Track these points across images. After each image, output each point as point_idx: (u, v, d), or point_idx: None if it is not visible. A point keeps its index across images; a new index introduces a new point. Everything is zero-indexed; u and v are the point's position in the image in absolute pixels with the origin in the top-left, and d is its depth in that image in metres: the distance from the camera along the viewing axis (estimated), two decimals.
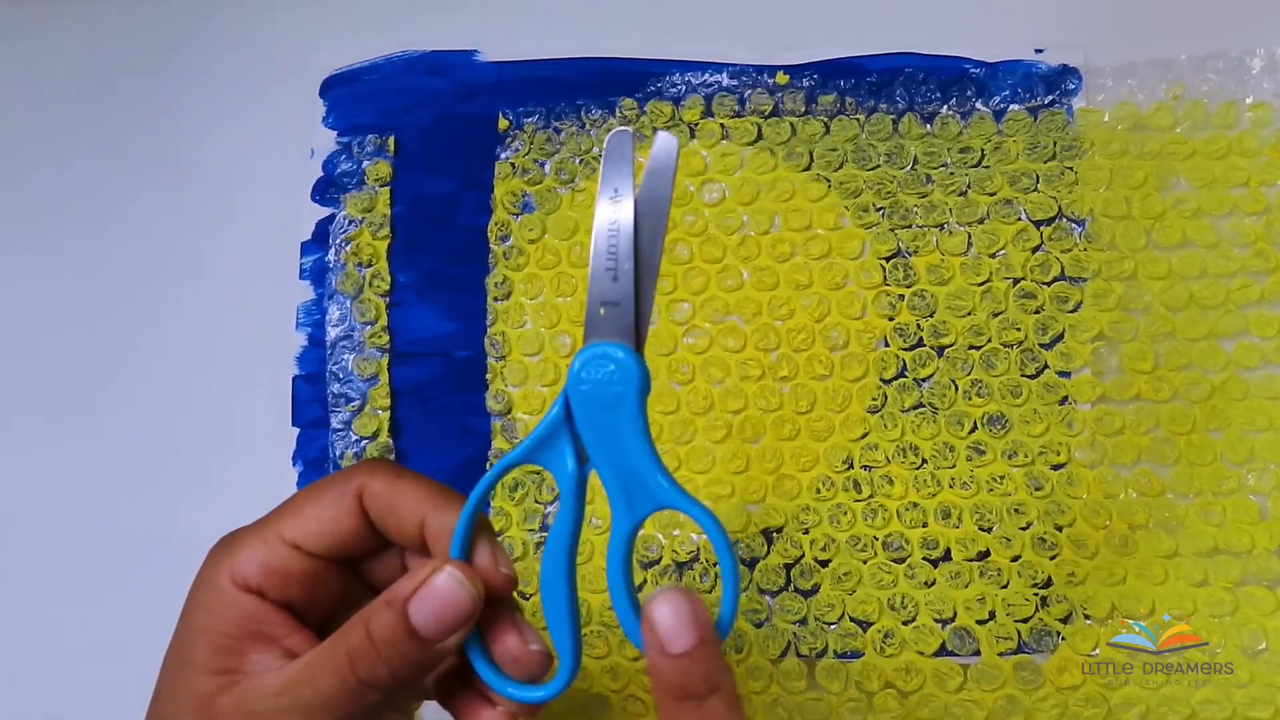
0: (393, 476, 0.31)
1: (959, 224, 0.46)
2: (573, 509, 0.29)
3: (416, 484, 0.31)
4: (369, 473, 0.31)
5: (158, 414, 0.50)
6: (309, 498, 0.32)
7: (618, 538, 0.28)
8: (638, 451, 0.28)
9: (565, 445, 0.29)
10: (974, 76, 0.47)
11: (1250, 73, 0.46)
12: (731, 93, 0.48)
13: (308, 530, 0.31)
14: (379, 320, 0.49)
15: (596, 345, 0.29)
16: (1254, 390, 0.44)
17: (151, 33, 0.54)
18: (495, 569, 0.30)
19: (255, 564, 0.30)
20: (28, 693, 0.48)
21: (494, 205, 0.49)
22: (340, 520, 0.31)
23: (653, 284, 0.29)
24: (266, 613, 0.30)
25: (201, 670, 0.30)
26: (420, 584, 0.29)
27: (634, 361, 0.28)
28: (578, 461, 0.29)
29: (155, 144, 0.52)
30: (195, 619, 0.31)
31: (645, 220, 0.29)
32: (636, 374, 0.28)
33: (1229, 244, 0.45)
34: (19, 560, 0.49)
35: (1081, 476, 0.44)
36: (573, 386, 0.29)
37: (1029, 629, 0.43)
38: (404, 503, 0.31)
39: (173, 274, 0.51)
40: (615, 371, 0.28)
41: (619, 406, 0.28)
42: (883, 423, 0.45)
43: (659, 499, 0.28)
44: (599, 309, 0.29)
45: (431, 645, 0.29)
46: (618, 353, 0.29)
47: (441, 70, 0.51)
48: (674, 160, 0.29)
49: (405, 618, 0.29)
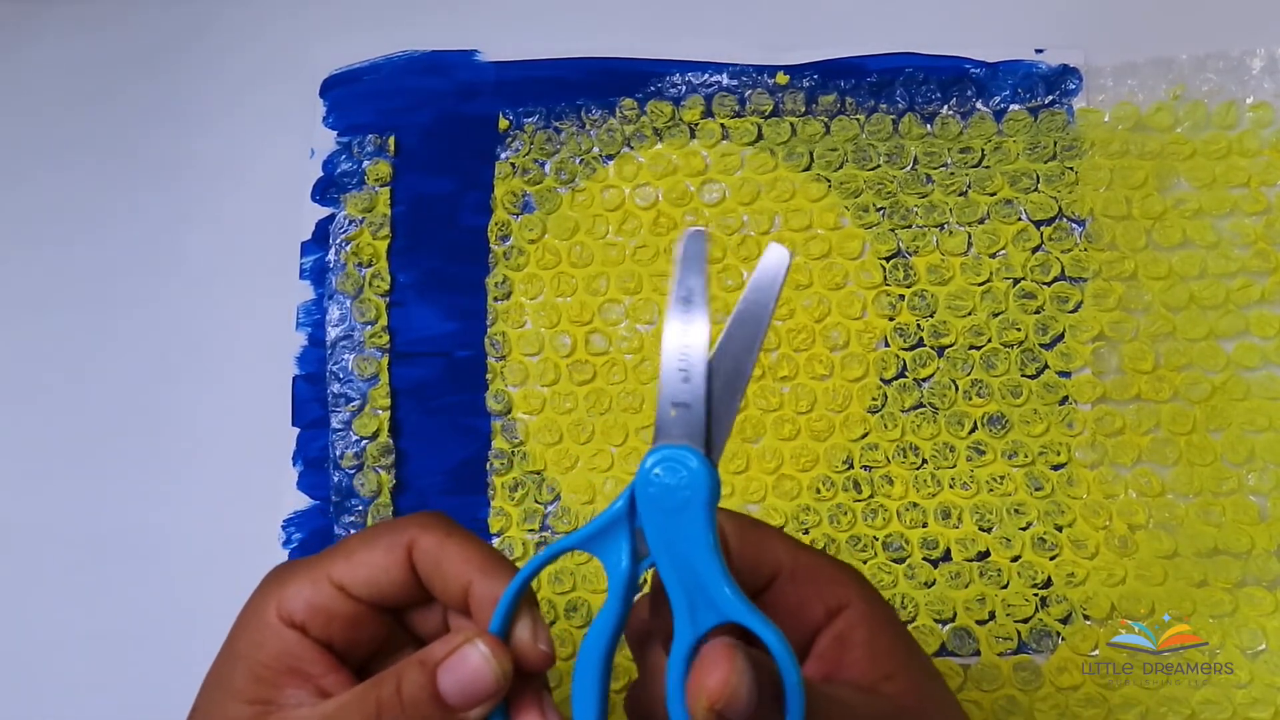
0: (443, 535, 0.31)
1: (959, 224, 0.46)
2: (619, 606, 0.29)
3: (465, 546, 0.31)
4: (421, 527, 0.31)
5: (158, 414, 0.50)
6: (363, 542, 0.32)
7: (678, 652, 0.27)
8: (705, 561, 0.27)
9: (623, 540, 0.29)
10: (974, 76, 0.47)
11: (1250, 73, 0.46)
12: (732, 93, 0.48)
13: (356, 575, 0.31)
14: (379, 320, 0.49)
15: (667, 448, 0.28)
16: (1254, 390, 0.44)
17: (152, 33, 0.54)
18: (534, 645, 0.30)
19: (301, 601, 0.31)
20: (27, 693, 0.48)
21: (494, 205, 0.49)
22: (389, 570, 0.31)
23: (741, 394, 0.28)
24: (306, 649, 0.31)
25: (238, 697, 0.30)
26: (451, 652, 0.29)
27: (705, 469, 0.28)
28: (633, 560, 0.29)
29: (155, 144, 0.52)
30: (238, 646, 0.31)
31: (743, 328, 0.28)
32: (707, 482, 0.28)
33: (1229, 244, 0.45)
34: (18, 560, 0.49)
35: (1081, 476, 0.44)
36: (641, 487, 0.28)
37: (1029, 629, 0.43)
38: (451, 564, 0.31)
39: (173, 274, 0.51)
40: (686, 477, 0.28)
41: (687, 513, 0.28)
42: (883, 423, 0.45)
43: (725, 613, 0.27)
44: (670, 410, 0.28)
45: (456, 713, 0.29)
46: (690, 459, 0.28)
47: (441, 70, 0.51)
48: (784, 272, 0.28)
49: (434, 682, 0.29)
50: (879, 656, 0.29)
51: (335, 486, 0.47)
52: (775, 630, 0.26)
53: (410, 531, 0.31)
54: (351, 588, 0.31)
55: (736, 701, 0.25)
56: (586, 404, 0.47)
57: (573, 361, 0.47)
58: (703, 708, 0.25)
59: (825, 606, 0.30)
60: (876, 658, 0.29)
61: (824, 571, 0.31)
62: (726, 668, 0.25)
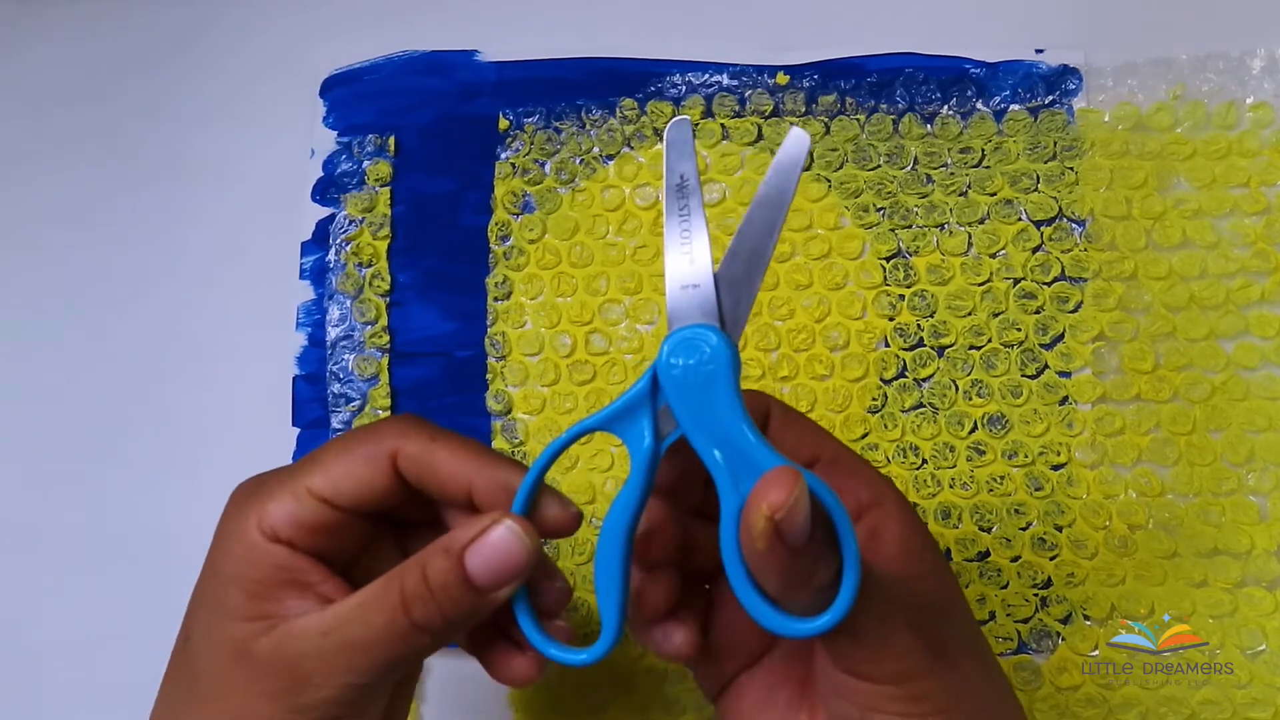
0: (427, 439, 0.32)
1: (959, 224, 0.46)
2: (642, 483, 0.29)
3: (453, 447, 0.31)
4: (401, 434, 0.32)
5: (158, 414, 0.50)
6: (338, 455, 0.32)
7: (729, 516, 0.28)
8: (737, 429, 0.28)
9: (645, 419, 0.29)
10: (974, 76, 0.47)
11: (1250, 73, 0.46)
12: (732, 93, 0.48)
13: (338, 488, 0.31)
14: (379, 320, 0.49)
15: (684, 329, 0.29)
16: (1254, 390, 0.44)
17: (152, 33, 0.54)
18: (564, 511, 0.31)
19: (284, 516, 0.31)
20: (27, 693, 0.48)
21: (494, 205, 0.49)
22: (373, 481, 0.31)
23: (761, 274, 0.29)
24: (298, 561, 0.31)
25: (236, 616, 0.30)
26: (478, 534, 0.29)
27: (723, 342, 0.29)
28: (655, 438, 0.29)
29: (155, 144, 0.52)
30: (225, 567, 0.31)
31: (763, 210, 0.29)
32: (727, 354, 0.28)
33: (1229, 244, 0.45)
34: (18, 561, 0.49)
35: (1081, 476, 0.44)
36: (664, 370, 0.29)
37: (1028, 629, 0.43)
38: (445, 466, 0.31)
39: (173, 274, 0.51)
40: (707, 353, 0.29)
41: (713, 386, 0.28)
42: (883, 423, 0.45)
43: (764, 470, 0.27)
44: (679, 291, 0.29)
45: (485, 595, 0.30)
46: (709, 335, 0.29)
47: (441, 70, 0.51)
48: (804, 155, 0.29)
49: (461, 565, 0.29)
50: (911, 554, 0.30)
51: None
52: (822, 483, 0.26)
53: (390, 440, 0.32)
54: (334, 499, 0.31)
55: (795, 517, 0.25)
56: (586, 404, 0.47)
57: (573, 361, 0.47)
58: (763, 516, 0.25)
59: (858, 499, 0.30)
60: (909, 555, 0.30)
61: (861, 468, 0.31)
62: (790, 484, 0.25)
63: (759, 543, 0.25)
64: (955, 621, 0.31)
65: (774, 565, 0.26)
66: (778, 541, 0.25)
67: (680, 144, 0.30)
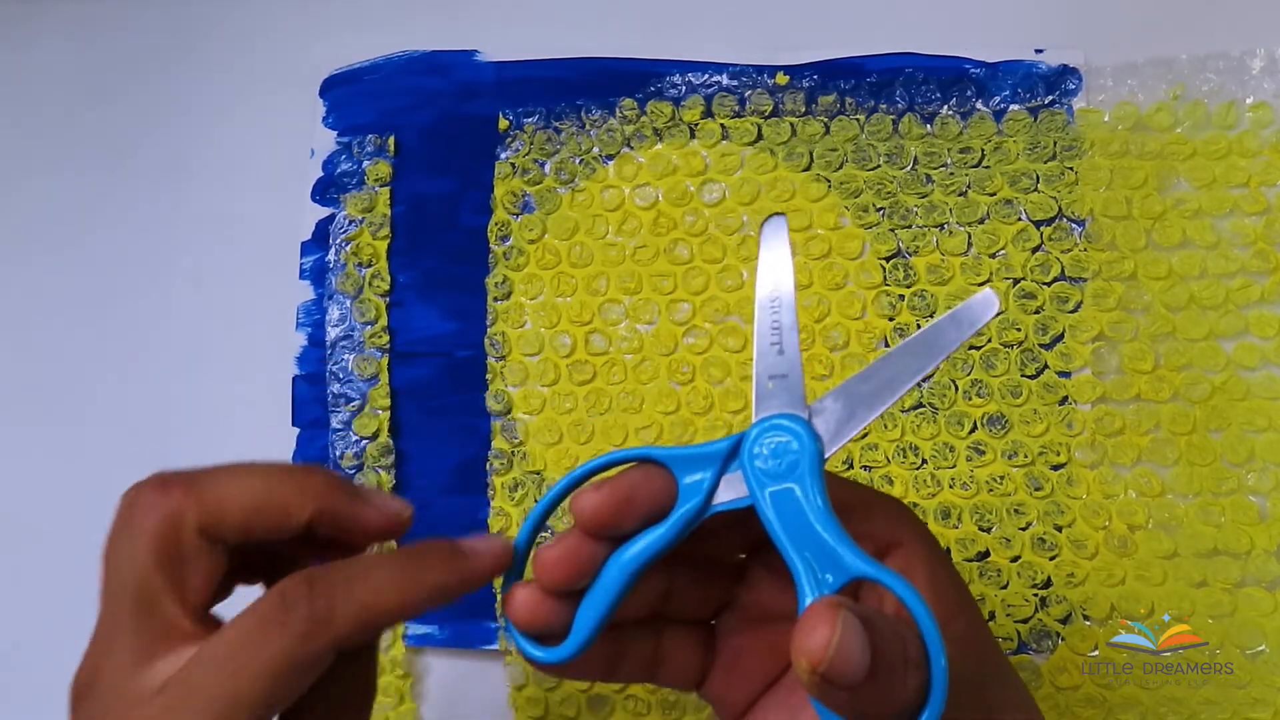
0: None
1: (959, 224, 0.46)
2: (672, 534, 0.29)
3: (239, 482, 0.29)
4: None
5: (157, 414, 0.50)
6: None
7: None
8: (822, 522, 0.27)
9: (707, 478, 0.29)
10: (974, 76, 0.47)
11: (1250, 73, 0.46)
12: (731, 93, 0.48)
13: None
14: (379, 320, 0.49)
15: (769, 418, 0.29)
16: (1254, 390, 0.44)
17: (152, 33, 0.54)
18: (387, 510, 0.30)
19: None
20: (27, 694, 0.48)
21: (494, 205, 0.49)
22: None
23: (884, 405, 0.29)
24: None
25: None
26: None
27: (809, 434, 0.28)
28: (705, 499, 0.29)
29: (155, 144, 0.52)
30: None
31: (919, 349, 0.29)
32: (811, 443, 0.28)
33: (1229, 244, 0.45)
34: (17, 561, 0.49)
35: (1081, 476, 0.44)
36: (749, 458, 0.29)
37: (1028, 629, 0.43)
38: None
39: (173, 274, 0.51)
40: (790, 442, 0.28)
41: (796, 477, 0.28)
42: (883, 423, 0.45)
43: (849, 571, 0.27)
44: (767, 383, 0.29)
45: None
46: (795, 425, 0.28)
47: (441, 70, 0.51)
48: (989, 319, 0.29)
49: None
50: (940, 597, 0.28)
51: None
52: (907, 584, 0.25)
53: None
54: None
55: (844, 664, 0.23)
56: (586, 404, 0.47)
57: (573, 361, 0.47)
58: (804, 670, 0.23)
59: (876, 545, 0.29)
60: (939, 598, 0.28)
61: (874, 508, 0.30)
62: (829, 628, 0.23)
63: (811, 692, 0.23)
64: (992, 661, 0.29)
65: (835, 704, 0.24)
66: (829, 686, 0.23)
67: (775, 239, 0.30)
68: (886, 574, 0.26)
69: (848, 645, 0.23)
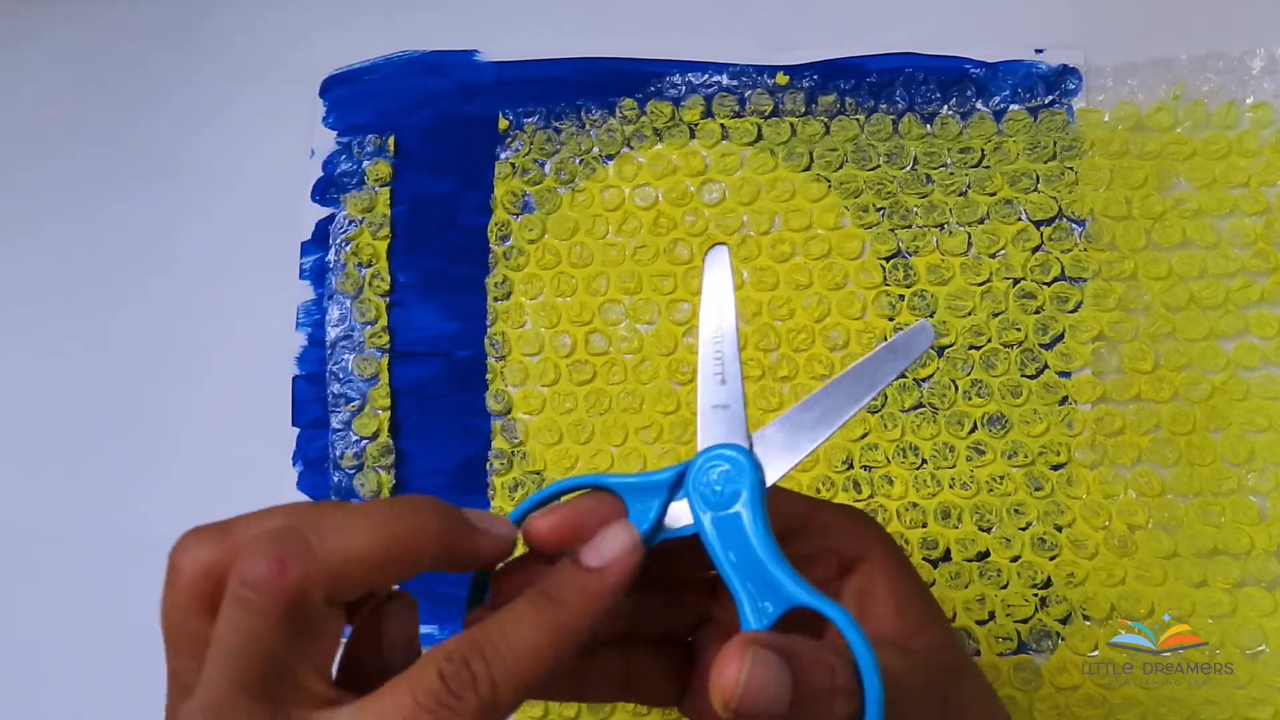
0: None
1: (959, 224, 0.46)
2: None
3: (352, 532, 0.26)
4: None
5: (157, 414, 0.50)
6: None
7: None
8: (764, 549, 0.27)
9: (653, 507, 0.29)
10: (974, 76, 0.47)
11: (1250, 73, 0.46)
12: (731, 93, 0.48)
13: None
14: (379, 320, 0.49)
15: (714, 448, 0.29)
16: (1254, 390, 0.44)
17: (151, 32, 0.54)
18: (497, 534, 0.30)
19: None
20: (26, 694, 0.48)
21: (494, 205, 0.49)
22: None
23: (827, 433, 0.29)
24: None
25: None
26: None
27: (750, 463, 0.29)
28: (652, 529, 0.29)
29: (155, 143, 0.52)
30: None
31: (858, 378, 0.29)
32: (752, 471, 0.28)
33: (1229, 244, 0.45)
34: (16, 561, 0.49)
35: (1081, 476, 0.44)
36: (693, 487, 0.29)
37: (1028, 629, 0.43)
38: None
39: (172, 274, 0.51)
40: (732, 473, 0.29)
41: (739, 505, 0.28)
42: (882, 423, 0.45)
43: (789, 598, 0.27)
44: (710, 412, 0.30)
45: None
46: (736, 455, 0.29)
47: (441, 70, 0.51)
48: (926, 350, 0.30)
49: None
50: (905, 611, 0.29)
51: (335, 487, 0.47)
52: (843, 612, 0.26)
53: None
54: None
55: (756, 698, 0.24)
56: (586, 404, 0.47)
57: (573, 361, 0.47)
58: (719, 706, 0.24)
59: (840, 560, 0.29)
60: (903, 612, 0.29)
61: (838, 523, 0.30)
62: (737, 664, 0.24)
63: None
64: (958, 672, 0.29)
65: None
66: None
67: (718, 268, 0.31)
68: (822, 601, 0.26)
69: (758, 680, 0.24)
